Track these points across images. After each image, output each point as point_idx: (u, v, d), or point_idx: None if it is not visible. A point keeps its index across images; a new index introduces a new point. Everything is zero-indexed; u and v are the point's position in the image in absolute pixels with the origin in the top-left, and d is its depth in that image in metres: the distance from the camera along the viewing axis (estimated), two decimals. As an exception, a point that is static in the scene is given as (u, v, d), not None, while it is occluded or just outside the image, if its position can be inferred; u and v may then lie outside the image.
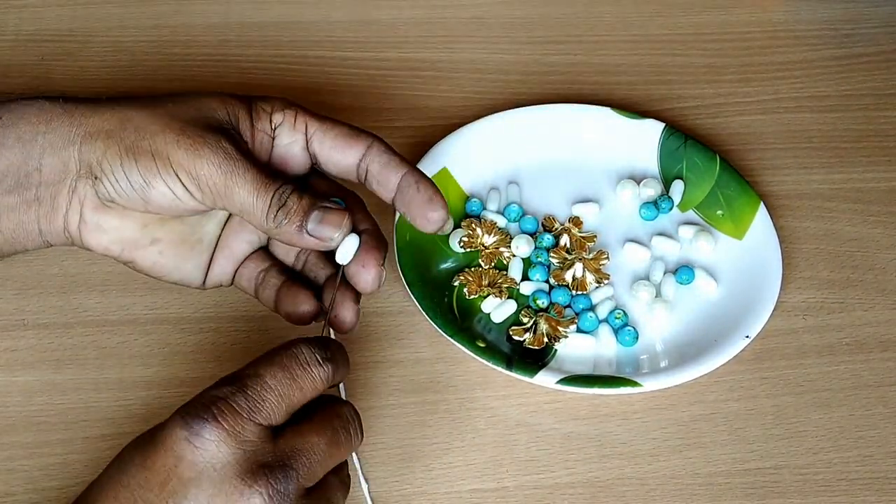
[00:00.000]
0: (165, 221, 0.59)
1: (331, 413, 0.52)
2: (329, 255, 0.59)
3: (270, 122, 0.59)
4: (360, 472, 0.60)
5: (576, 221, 0.73)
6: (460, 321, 0.68)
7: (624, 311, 0.69)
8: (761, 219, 0.72)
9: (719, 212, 0.74)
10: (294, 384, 0.51)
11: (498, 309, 0.69)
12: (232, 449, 0.49)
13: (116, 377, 0.65)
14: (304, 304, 0.59)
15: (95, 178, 0.56)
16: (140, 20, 0.84)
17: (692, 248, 0.73)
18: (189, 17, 0.85)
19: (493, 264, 0.71)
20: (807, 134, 0.81)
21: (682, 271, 0.71)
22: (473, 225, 0.72)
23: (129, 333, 0.67)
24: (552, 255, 0.71)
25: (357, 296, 0.58)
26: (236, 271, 0.62)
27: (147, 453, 0.49)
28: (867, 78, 0.84)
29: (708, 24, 0.87)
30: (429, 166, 0.73)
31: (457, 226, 0.72)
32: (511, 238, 0.72)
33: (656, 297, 0.70)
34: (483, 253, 0.71)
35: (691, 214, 0.75)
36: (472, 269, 0.71)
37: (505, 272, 0.71)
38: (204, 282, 0.61)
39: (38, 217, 0.58)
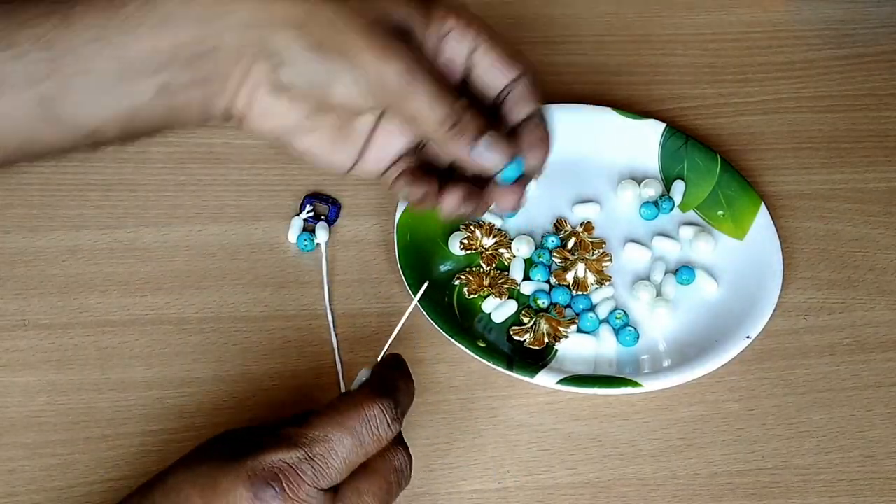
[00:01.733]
0: (330, 110, 0.58)
1: (388, 466, 0.53)
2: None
3: (442, 30, 0.59)
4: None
5: (587, 227, 0.73)
6: (461, 321, 0.68)
7: (624, 312, 0.69)
8: (762, 219, 0.72)
9: (720, 212, 0.74)
10: (361, 449, 0.51)
11: (498, 309, 0.69)
12: None
13: (117, 377, 0.65)
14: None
15: (280, 64, 0.56)
16: (140, 20, 0.84)
17: (693, 249, 0.73)
18: (189, 16, 0.85)
19: (493, 266, 0.71)
20: (807, 134, 0.80)
21: (683, 271, 0.71)
22: (472, 227, 0.72)
23: (129, 334, 0.67)
24: (555, 255, 0.71)
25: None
26: (392, 165, 0.62)
27: (207, 498, 0.50)
28: (867, 78, 0.84)
29: (708, 24, 0.87)
30: (429, 166, 0.73)
31: (455, 228, 0.72)
32: (511, 239, 0.72)
33: (657, 297, 0.70)
34: (483, 255, 0.71)
35: (692, 215, 0.74)
36: (473, 269, 0.71)
37: (506, 273, 0.71)
38: (352, 168, 0.61)
39: (205, 95, 0.57)
